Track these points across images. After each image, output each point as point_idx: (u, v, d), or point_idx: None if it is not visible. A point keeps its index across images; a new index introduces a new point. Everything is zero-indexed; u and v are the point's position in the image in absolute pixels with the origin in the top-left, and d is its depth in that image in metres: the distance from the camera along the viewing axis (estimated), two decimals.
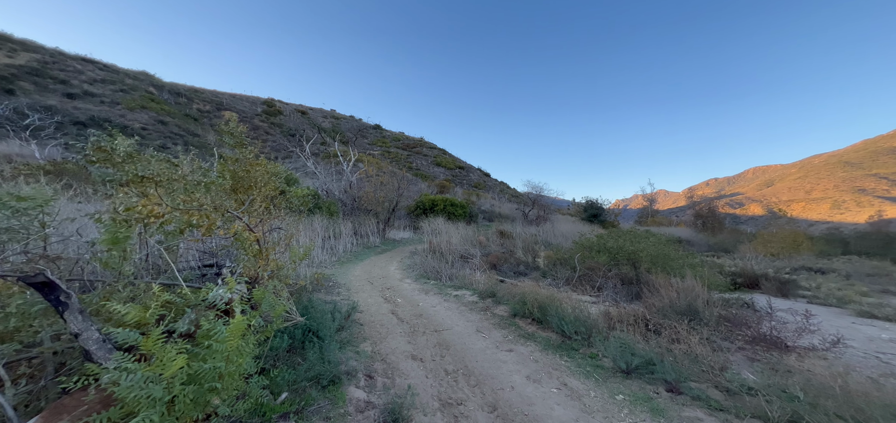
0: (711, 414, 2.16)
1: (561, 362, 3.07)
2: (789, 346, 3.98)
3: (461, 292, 6.05)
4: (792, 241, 12.35)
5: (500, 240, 14.27)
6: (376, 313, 4.54)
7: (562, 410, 2.29)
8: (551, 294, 4.58)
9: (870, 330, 4.84)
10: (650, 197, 25.88)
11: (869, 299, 6.13)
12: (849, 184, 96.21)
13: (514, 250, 12.04)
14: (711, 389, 2.45)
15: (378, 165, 24.05)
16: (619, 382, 2.66)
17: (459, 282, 6.84)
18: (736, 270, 8.71)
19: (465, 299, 5.48)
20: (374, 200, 14.22)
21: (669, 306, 4.90)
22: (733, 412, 2.16)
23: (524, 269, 9.41)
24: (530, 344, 3.52)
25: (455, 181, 33.64)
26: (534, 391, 2.54)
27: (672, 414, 2.17)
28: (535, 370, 2.90)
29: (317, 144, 31.75)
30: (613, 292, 6.88)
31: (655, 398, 2.38)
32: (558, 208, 25.07)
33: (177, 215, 2.14)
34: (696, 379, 2.60)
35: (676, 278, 5.49)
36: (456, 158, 43.85)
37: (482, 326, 4.14)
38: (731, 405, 2.23)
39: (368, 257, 10.22)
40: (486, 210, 23.34)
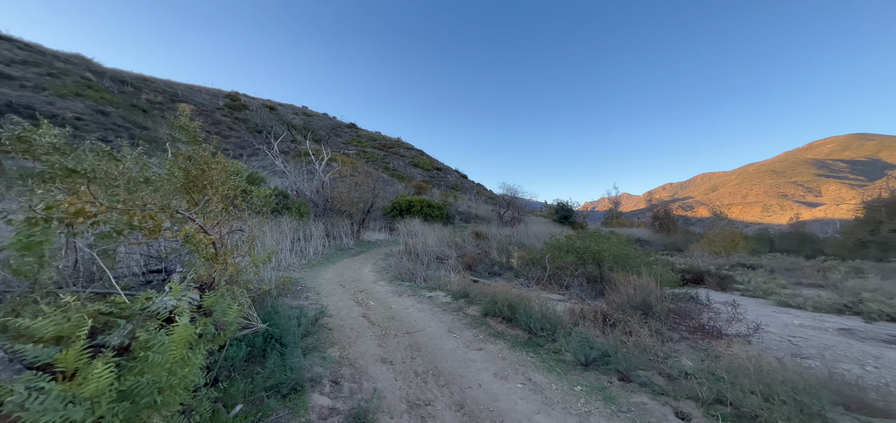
0: (654, 398, 2.38)
1: (527, 358, 3.20)
2: (723, 334, 4.48)
3: (435, 293, 6.08)
4: (731, 241, 13.89)
5: (476, 241, 14.50)
6: (347, 316, 4.42)
7: (525, 404, 2.39)
8: (521, 294, 4.75)
9: (785, 317, 5.58)
10: (615, 200, 27.78)
11: (786, 290, 7.07)
12: (774, 190, 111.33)
13: (489, 250, 12.29)
14: (656, 375, 2.70)
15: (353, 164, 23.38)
16: (579, 374, 2.83)
17: (434, 283, 6.86)
18: (685, 267, 9.59)
19: (439, 300, 5.51)
20: (348, 200, 13.81)
21: (627, 302, 5.28)
22: (672, 395, 2.40)
23: (498, 269, 9.64)
24: (499, 342, 3.63)
25: (432, 182, 33.64)
26: (500, 388, 2.62)
27: (622, 401, 2.36)
28: (502, 368, 2.99)
29: (286, 141, 30.17)
30: (579, 290, 7.26)
31: (608, 387, 2.57)
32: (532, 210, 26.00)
33: (115, 215, 1.93)
34: (644, 368, 2.84)
35: (634, 275, 5.95)
36: (433, 159, 43.89)
37: (454, 326, 4.19)
38: (671, 389, 2.48)
39: (341, 259, 9.89)
40: (462, 211, 23.59)
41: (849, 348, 4.06)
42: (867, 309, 5.44)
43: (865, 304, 5.53)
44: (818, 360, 3.59)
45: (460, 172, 41.55)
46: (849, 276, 7.61)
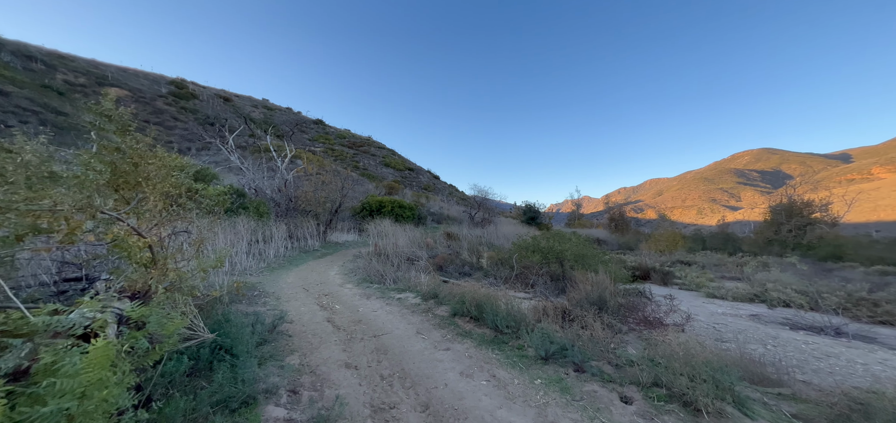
0: (604, 385, 2.61)
1: (492, 355, 3.31)
2: (662, 324, 5.03)
3: (404, 294, 6.01)
4: (672, 240, 15.63)
5: (447, 242, 14.62)
6: (309, 322, 4.20)
7: (488, 399, 2.47)
8: (489, 293, 4.89)
9: (712, 307, 6.43)
10: (577, 202, 29.82)
11: (713, 283, 8.14)
12: (706, 195, 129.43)
13: (460, 251, 12.46)
14: (606, 365, 2.96)
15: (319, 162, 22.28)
16: (539, 368, 3.00)
17: (404, 285, 6.78)
18: (635, 264, 10.58)
19: (408, 302, 5.46)
20: (313, 200, 13.10)
21: (585, 298, 5.69)
22: (618, 381, 2.65)
23: (469, 269, 9.81)
24: (466, 341, 3.70)
25: (404, 183, 33.20)
26: (465, 386, 2.68)
27: (576, 390, 2.55)
28: (468, 366, 3.06)
29: (244, 136, 27.78)
30: (544, 288, 7.65)
31: (565, 378, 2.76)
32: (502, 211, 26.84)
33: (13, 216, 1.62)
34: (597, 358, 3.10)
35: (592, 273, 6.43)
36: (405, 159, 43.36)
37: (423, 327, 4.18)
38: (617, 376, 2.73)
39: (305, 261, 9.35)
40: (434, 212, 23.62)
41: (756, 331, 4.80)
42: (770, 297, 6.48)
43: (769, 293, 6.58)
44: (733, 342, 4.19)
45: (433, 173, 41.56)
46: (758, 270, 8.98)
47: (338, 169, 18.77)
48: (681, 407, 2.26)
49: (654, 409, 2.28)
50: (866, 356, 3.85)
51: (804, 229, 13.71)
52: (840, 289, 6.35)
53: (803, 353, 3.95)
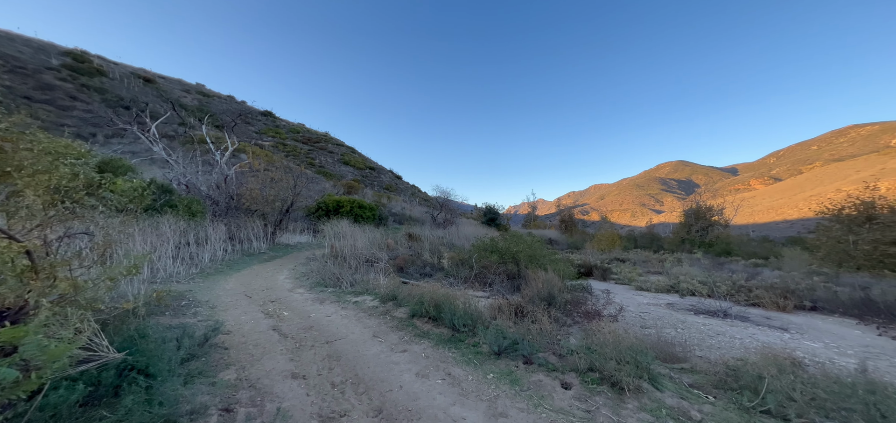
0: (548, 374, 2.85)
1: (449, 354, 3.38)
2: (600, 315, 5.65)
3: (362, 297, 5.80)
4: (611, 240, 17.63)
5: (409, 243, 14.47)
6: (251, 331, 3.80)
7: (442, 398, 2.52)
8: (447, 293, 4.97)
9: (639, 298, 7.42)
10: (532, 204, 31.92)
11: (641, 277, 9.39)
12: (638, 200, 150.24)
13: (422, 252, 12.43)
14: (551, 356, 3.23)
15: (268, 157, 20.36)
16: (492, 363, 3.15)
17: (361, 287, 6.53)
18: (580, 262, 11.68)
19: (366, 305, 5.28)
20: (260, 198, 11.89)
21: (537, 295, 6.11)
22: (561, 370, 2.92)
23: (430, 270, 9.83)
24: (424, 342, 3.72)
25: (365, 182, 32.00)
26: (420, 386, 2.69)
27: (524, 381, 2.74)
28: (424, 366, 3.08)
29: (172, 123, 24.04)
30: (501, 287, 8.02)
31: (515, 371, 2.94)
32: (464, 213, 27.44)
33: None
34: (544, 350, 3.36)
35: (543, 272, 6.92)
36: (366, 157, 41.82)
37: (380, 330, 4.09)
38: (560, 365, 3.01)
39: (250, 265, 8.44)
40: (397, 213, 23.19)
41: (670, 317, 5.68)
42: (681, 288, 7.71)
43: (680, 284, 7.83)
44: (653, 328, 4.89)
45: (395, 173, 40.76)
46: (674, 265, 10.63)
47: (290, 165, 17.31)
48: (609, 388, 2.58)
49: (588, 391, 2.56)
50: (742, 332, 4.82)
51: (707, 230, 16.59)
52: (728, 279, 7.83)
53: (702, 333, 4.78)
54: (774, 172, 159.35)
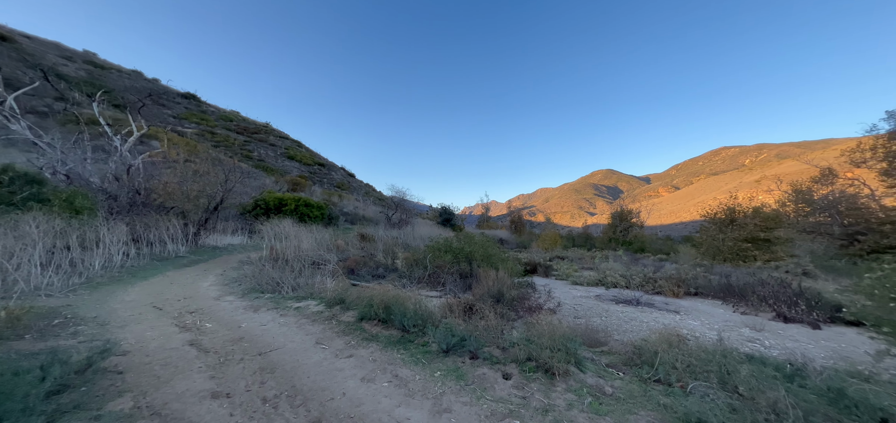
0: (492, 367, 3.06)
1: (397, 356, 3.36)
2: (541, 308, 6.21)
3: (305, 302, 5.38)
4: (553, 240, 19.46)
5: (361, 243, 13.89)
6: (159, 349, 3.22)
7: (388, 400, 2.50)
8: (398, 294, 4.92)
9: (574, 292, 8.36)
10: (486, 206, 33.45)
11: (577, 273, 10.59)
12: (576, 204, 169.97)
13: (375, 253, 12.05)
14: (495, 349, 3.46)
15: (190, 146, 17.52)
16: (440, 361, 3.23)
17: (305, 292, 6.06)
18: (527, 260, 12.63)
19: (309, 310, 4.92)
20: (179, 194, 10.14)
21: (487, 293, 6.43)
22: (503, 362, 3.15)
23: (383, 271, 9.58)
24: (372, 345, 3.63)
25: (314, 179, 29.66)
26: (365, 391, 2.63)
27: (469, 376, 2.89)
28: (371, 370, 3.01)
29: (44, 97, 18.95)
30: (454, 286, 8.22)
31: (461, 367, 3.08)
32: (419, 213, 27.36)
33: None
34: (489, 345, 3.58)
35: (494, 270, 7.31)
36: (315, 153, 38.78)
37: (324, 336, 3.85)
38: (502, 357, 3.25)
39: (162, 272, 7.13)
40: (349, 212, 22.02)
41: (597, 307, 6.54)
42: (607, 281, 8.93)
43: (606, 278, 9.06)
44: (583, 317, 5.58)
45: (347, 171, 38.63)
46: (602, 261, 12.24)
47: (220, 157, 15.14)
48: (543, 374, 2.87)
49: (525, 379, 2.82)
50: (648, 316, 5.81)
51: (627, 231, 19.48)
52: (641, 272, 9.33)
53: (620, 320, 5.63)
54: (675, 182, 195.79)
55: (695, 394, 2.40)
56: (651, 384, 2.68)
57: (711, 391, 2.40)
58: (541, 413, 2.28)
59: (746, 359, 2.85)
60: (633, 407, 2.33)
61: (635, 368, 2.99)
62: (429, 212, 28.06)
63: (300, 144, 39.05)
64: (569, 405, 2.36)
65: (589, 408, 2.31)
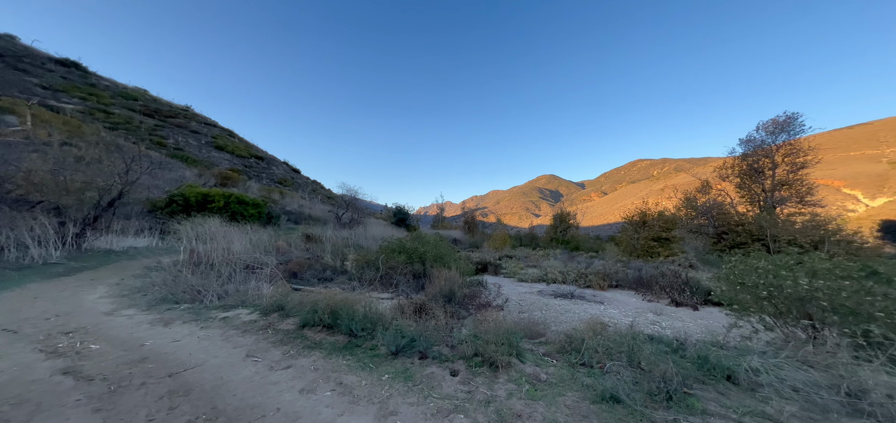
0: (440, 366, 3.12)
1: (343, 362, 3.19)
2: (491, 305, 6.55)
3: (235, 312, 4.74)
4: (503, 240, 20.67)
5: (306, 244, 12.82)
6: (9, 383, 2.49)
7: (330, 410, 2.37)
8: (347, 297, 4.68)
9: (520, 288, 9.02)
10: (441, 206, 33.88)
11: (523, 271, 11.43)
12: (523, 206, 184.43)
13: (323, 254, 11.24)
14: (444, 348, 3.54)
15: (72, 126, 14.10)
16: (389, 363, 3.18)
17: (236, 300, 5.34)
18: (478, 260, 13.17)
19: (239, 320, 4.35)
20: (53, 184, 8.01)
21: (439, 292, 6.52)
22: (451, 359, 3.25)
23: (331, 274, 9.00)
24: (314, 354, 3.38)
25: (249, 173, 26.31)
26: (304, 403, 2.44)
27: (417, 376, 2.90)
28: (312, 380, 2.80)
29: None
30: (407, 287, 8.13)
31: (410, 368, 3.07)
32: (373, 212, 26.37)
33: None
34: (439, 344, 3.65)
35: (446, 270, 7.43)
36: (251, 144, 34.42)
37: (257, 348, 3.45)
38: (451, 354, 3.35)
39: (21, 285, 5.53)
40: (292, 211, 20.10)
41: (539, 302, 7.17)
42: (548, 277, 9.85)
43: (548, 275, 9.99)
44: (527, 312, 6.06)
45: (291, 166, 35.20)
46: (544, 259, 13.46)
47: (118, 142, 12.38)
48: (488, 368, 3.05)
49: (471, 374, 2.95)
50: (579, 307, 6.60)
51: (566, 231, 21.74)
52: (575, 269, 10.53)
53: (557, 312, 6.26)
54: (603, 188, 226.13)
55: (610, 373, 2.81)
56: (578, 367, 3.06)
57: (623, 369, 2.84)
58: (484, 405, 2.41)
59: (648, 339, 3.45)
60: (563, 390, 2.62)
61: (566, 355, 3.37)
62: (383, 212, 27.24)
63: (232, 133, 34.21)
64: (509, 394, 2.55)
65: (526, 395, 2.53)
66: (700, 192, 15.96)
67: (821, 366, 2.63)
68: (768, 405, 2.29)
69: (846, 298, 2.93)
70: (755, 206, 15.57)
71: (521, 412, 2.30)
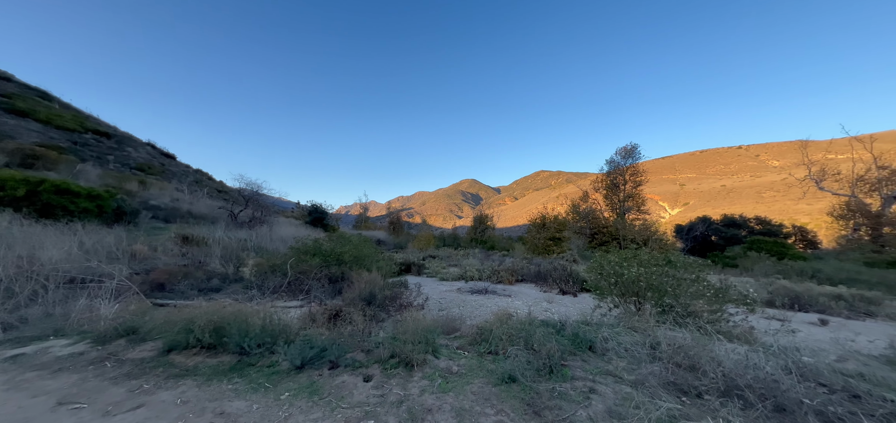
0: (353, 373, 2.97)
1: (227, 387, 2.65)
2: (411, 305, 6.61)
3: (45, 344, 3.34)
4: (427, 240, 21.15)
5: (182, 248, 10.15)
6: None
7: None
8: (240, 309, 3.91)
9: (442, 287, 9.42)
10: (364, 206, 32.13)
11: (445, 270, 11.98)
12: (447, 207, 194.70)
13: (207, 260, 9.12)
14: (360, 353, 3.38)
15: None
16: (292, 379, 2.82)
17: (47, 327, 3.75)
18: (402, 260, 13.07)
19: (48, 357, 3.08)
20: None
21: (358, 295, 6.18)
22: (366, 364, 3.13)
23: (219, 283, 7.43)
24: (184, 383, 2.69)
25: (84, 154, 19.04)
26: None
27: (325, 388, 2.68)
28: (180, 415, 2.22)
29: None
30: (321, 292, 7.39)
31: (318, 380, 2.81)
32: (282, 210, 22.90)
33: None
34: (353, 350, 3.46)
35: (367, 272, 7.09)
36: (85, 114, 24.89)
37: (79, 391, 2.51)
38: (367, 360, 3.23)
39: None
40: (162, 207, 15.52)
41: (457, 299, 7.65)
42: (467, 276, 10.61)
43: (467, 273, 10.76)
44: (446, 309, 6.38)
45: (159, 148, 27.08)
46: (464, 258, 14.46)
47: None
48: (404, 368, 3.07)
49: (386, 377, 2.92)
50: (492, 301, 7.38)
51: (484, 232, 23.87)
52: (490, 266, 11.71)
53: (473, 307, 6.83)
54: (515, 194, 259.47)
55: (510, 357, 3.25)
56: (486, 356, 3.42)
57: (520, 352, 3.33)
58: (396, 406, 2.42)
59: (541, 324, 4.15)
60: (471, 378, 2.89)
61: (476, 345, 3.72)
62: (295, 210, 23.93)
63: (47, 95, 23.90)
64: (422, 391, 2.64)
65: (438, 389, 2.67)
66: (581, 200, 20.53)
67: (641, 330, 3.71)
68: (610, 364, 3.09)
69: (654, 279, 4.24)
70: (614, 212, 20.99)
71: (431, 407, 2.41)
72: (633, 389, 2.57)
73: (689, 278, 4.32)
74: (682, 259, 4.74)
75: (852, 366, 2.93)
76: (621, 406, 2.33)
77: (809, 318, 6.53)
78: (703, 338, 3.17)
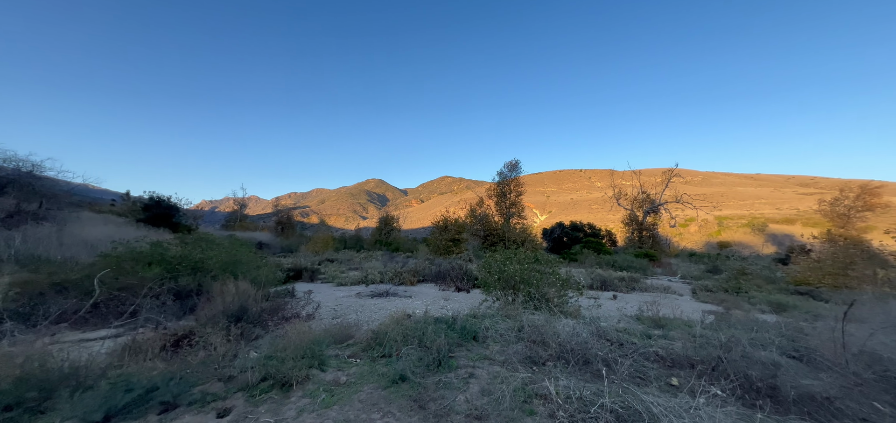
0: (201, 410, 2.32)
1: None
2: (299, 316, 5.80)
3: None
4: (325, 242, 19.05)
5: None
6: None
7: None
8: None
9: (339, 292, 8.67)
10: (241, 202, 25.86)
11: (344, 274, 11.08)
12: (351, 207, 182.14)
13: None
14: (215, 383, 2.70)
15: None
16: None
17: None
18: (291, 265, 11.27)
19: None
20: None
21: (222, 312, 4.91)
22: (223, 395, 2.54)
23: None
24: None
25: None
26: None
27: None
28: None
29: None
30: (159, 313, 5.49)
31: None
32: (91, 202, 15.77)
33: None
34: (206, 381, 2.73)
35: (235, 282, 5.72)
36: None
37: None
38: (225, 390, 2.61)
39: None
40: None
41: (356, 304, 7.22)
42: (368, 279, 10.17)
43: (368, 276, 10.32)
44: (341, 316, 5.91)
45: None
46: (367, 260, 13.82)
47: None
48: (279, 390, 2.66)
49: (253, 405, 2.44)
50: (392, 304, 7.35)
51: (390, 233, 23.53)
52: (393, 268, 11.64)
53: (372, 311, 6.59)
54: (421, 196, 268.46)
55: (404, 357, 3.33)
56: (379, 360, 3.37)
57: (414, 351, 3.46)
58: None
59: (434, 321, 4.44)
60: (360, 386, 2.79)
61: (370, 350, 3.62)
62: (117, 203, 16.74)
63: None
64: (299, 412, 2.35)
65: (321, 405, 2.45)
66: (477, 205, 23.44)
67: (513, 316, 4.55)
68: (487, 349, 3.64)
69: (526, 273, 5.29)
70: (502, 217, 24.95)
71: None
72: (501, 367, 3.11)
73: (548, 272, 5.62)
74: (545, 256, 6.13)
75: (623, 325, 4.54)
76: (491, 384, 2.78)
77: (608, 295, 9.65)
78: (552, 317, 4.19)
